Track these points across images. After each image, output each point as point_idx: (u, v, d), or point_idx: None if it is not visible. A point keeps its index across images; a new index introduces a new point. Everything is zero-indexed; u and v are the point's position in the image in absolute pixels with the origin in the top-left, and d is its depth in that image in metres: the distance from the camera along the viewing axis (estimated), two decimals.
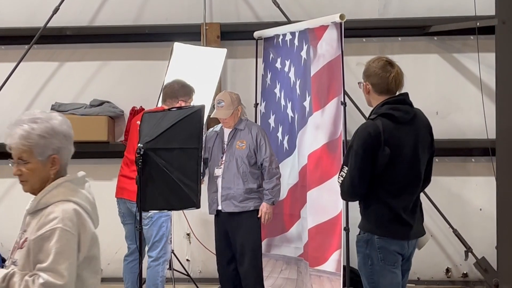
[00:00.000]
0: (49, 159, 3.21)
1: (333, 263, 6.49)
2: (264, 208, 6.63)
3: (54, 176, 3.25)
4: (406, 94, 4.60)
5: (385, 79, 4.55)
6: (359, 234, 4.59)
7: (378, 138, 4.40)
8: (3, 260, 8.46)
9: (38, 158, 3.20)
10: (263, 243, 6.95)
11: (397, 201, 4.46)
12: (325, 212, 6.59)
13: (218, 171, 6.72)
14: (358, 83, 4.73)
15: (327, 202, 6.57)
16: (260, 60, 7.76)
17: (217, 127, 6.95)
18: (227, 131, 6.81)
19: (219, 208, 6.69)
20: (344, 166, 4.50)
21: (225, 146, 6.76)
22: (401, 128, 4.47)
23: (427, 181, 4.72)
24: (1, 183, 8.57)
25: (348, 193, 4.55)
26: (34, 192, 3.28)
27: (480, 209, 8.18)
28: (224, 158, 6.72)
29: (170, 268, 7.49)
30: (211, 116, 6.98)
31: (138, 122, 6.05)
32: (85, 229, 3.18)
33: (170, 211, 6.74)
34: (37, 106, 8.52)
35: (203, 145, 6.41)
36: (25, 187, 3.29)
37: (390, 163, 4.42)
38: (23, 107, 8.55)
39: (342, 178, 4.51)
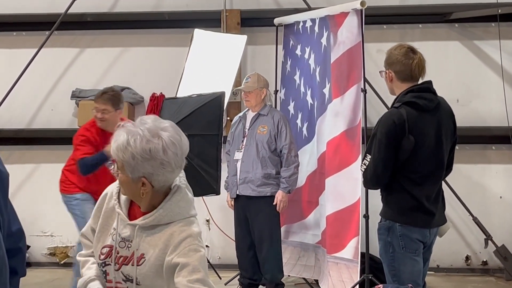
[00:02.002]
0: (139, 179, 2.89)
1: (350, 250, 6.50)
2: (279, 196, 6.65)
3: (146, 195, 2.93)
4: (430, 82, 4.57)
5: (409, 65, 4.51)
6: (380, 221, 4.58)
7: (402, 126, 4.37)
8: None
9: (128, 174, 2.89)
10: (281, 230, 6.97)
11: (420, 189, 4.44)
12: (343, 199, 6.60)
13: (238, 155, 6.76)
14: (380, 72, 4.70)
15: (345, 189, 6.57)
16: (280, 47, 7.76)
17: (241, 113, 7.01)
18: (249, 116, 6.84)
19: (238, 192, 6.73)
20: (367, 154, 4.47)
21: (247, 130, 6.79)
22: (425, 116, 4.45)
23: (449, 169, 4.70)
24: (21, 168, 8.63)
25: (371, 181, 4.53)
26: (129, 197, 3.04)
27: (500, 197, 8.16)
28: (244, 142, 6.76)
29: None
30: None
31: None
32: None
33: None
34: (57, 92, 8.58)
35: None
36: (121, 189, 3.03)
37: (414, 151, 4.40)
38: (44, 93, 8.61)
39: (365, 167, 4.48)
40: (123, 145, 2.85)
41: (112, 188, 3.10)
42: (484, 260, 8.18)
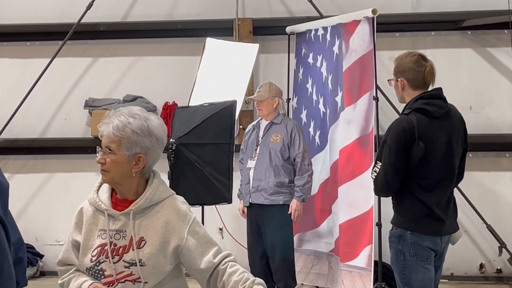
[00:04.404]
0: (134, 156, 3.14)
1: (364, 258, 6.48)
2: (294, 205, 6.64)
3: (135, 175, 3.18)
4: (440, 89, 4.56)
5: (421, 73, 4.52)
6: (391, 229, 4.58)
7: (412, 133, 4.37)
8: (38, 255, 8.54)
9: (124, 152, 3.12)
10: (294, 238, 6.96)
11: (430, 197, 4.43)
12: (356, 207, 6.58)
13: (251, 163, 6.76)
14: (388, 80, 4.71)
15: (358, 197, 6.56)
16: (292, 55, 7.76)
17: (255, 122, 7.02)
18: (263, 125, 6.86)
19: (251, 200, 6.73)
20: (378, 162, 4.47)
21: (260, 139, 6.80)
22: (435, 123, 4.44)
23: (460, 176, 4.68)
24: (35, 178, 8.67)
25: (381, 188, 4.52)
26: (113, 184, 3.23)
27: None
28: (258, 151, 6.77)
29: None
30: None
31: None
32: None
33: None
34: (71, 101, 8.62)
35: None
36: (105, 177, 3.19)
37: (424, 158, 4.39)
38: (57, 103, 8.66)
39: (375, 174, 4.48)
40: (122, 124, 3.11)
41: (83, 203, 3.29)
42: (499, 268, 8.14)
